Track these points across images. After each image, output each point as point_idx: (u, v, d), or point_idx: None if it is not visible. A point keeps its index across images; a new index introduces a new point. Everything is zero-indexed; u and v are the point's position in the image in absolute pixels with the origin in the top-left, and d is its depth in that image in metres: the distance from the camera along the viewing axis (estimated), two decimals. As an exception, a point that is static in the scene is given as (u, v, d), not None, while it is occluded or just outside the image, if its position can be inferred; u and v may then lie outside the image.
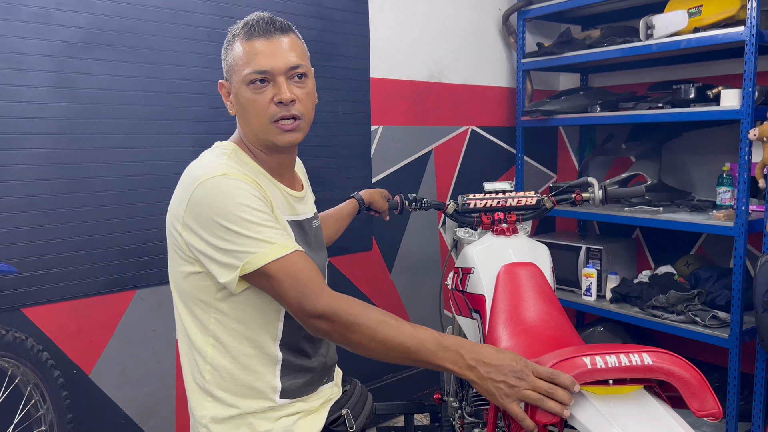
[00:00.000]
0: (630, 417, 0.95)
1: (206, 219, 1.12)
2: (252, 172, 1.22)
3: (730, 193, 2.81)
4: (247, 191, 1.12)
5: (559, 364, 1.00)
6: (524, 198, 1.82)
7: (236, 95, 1.23)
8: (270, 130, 1.21)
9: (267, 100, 1.20)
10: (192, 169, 1.21)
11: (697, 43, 2.58)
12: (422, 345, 1.08)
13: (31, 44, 1.96)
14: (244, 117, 1.24)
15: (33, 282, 1.98)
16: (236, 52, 1.22)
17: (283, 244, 1.10)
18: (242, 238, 1.09)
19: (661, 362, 0.98)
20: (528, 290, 1.52)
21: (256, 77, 1.19)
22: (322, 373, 1.35)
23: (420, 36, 3.03)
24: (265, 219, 1.11)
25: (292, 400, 1.28)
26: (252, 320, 1.23)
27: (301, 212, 1.32)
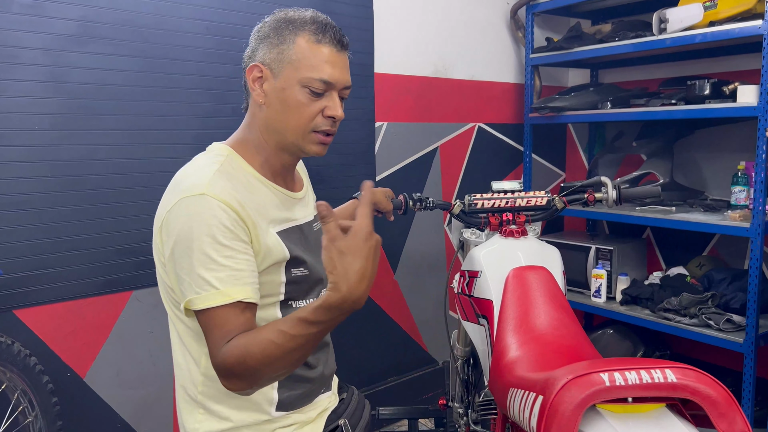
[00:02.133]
0: (652, 439, 0.88)
1: (175, 238, 1.08)
2: (245, 179, 1.16)
3: (745, 192, 2.72)
4: (220, 220, 1.06)
5: (574, 381, 0.92)
6: (534, 198, 1.74)
7: (282, 90, 1.16)
8: (307, 138, 1.18)
9: (317, 110, 1.17)
10: (180, 177, 1.15)
11: (713, 37, 2.49)
12: (309, 337, 1.01)
13: (23, 37, 1.89)
14: (281, 114, 1.17)
15: (26, 282, 1.92)
16: (301, 47, 1.15)
17: (225, 291, 1.05)
18: (194, 273, 1.06)
19: (687, 380, 0.90)
20: (538, 296, 1.45)
21: (319, 86, 1.15)
22: (321, 383, 1.30)
23: (425, 30, 2.95)
24: (227, 255, 1.06)
25: (288, 413, 1.23)
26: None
27: (300, 216, 1.26)
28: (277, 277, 1.16)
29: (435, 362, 3.19)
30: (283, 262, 1.16)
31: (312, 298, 1.24)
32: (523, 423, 1.03)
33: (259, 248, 1.12)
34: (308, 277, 1.22)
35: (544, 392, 0.96)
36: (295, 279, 1.18)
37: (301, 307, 1.08)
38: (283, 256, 1.16)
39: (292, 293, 1.19)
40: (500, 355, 1.36)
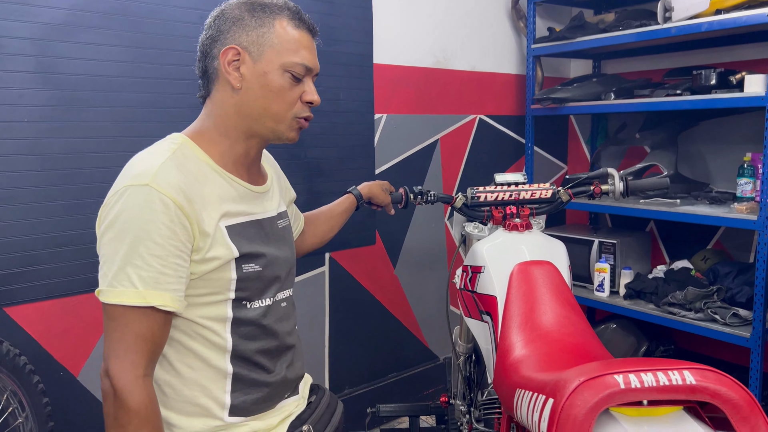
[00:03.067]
0: (670, 445, 0.83)
1: (109, 223, 1.04)
2: (197, 170, 1.11)
3: (752, 184, 2.67)
4: (159, 216, 1.02)
5: (587, 383, 0.87)
6: (539, 190, 1.69)
7: (264, 74, 1.12)
8: (289, 124, 1.17)
9: (297, 95, 1.16)
10: (131, 163, 1.11)
11: (719, 25, 2.43)
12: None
13: (9, 26, 1.83)
14: (262, 99, 1.13)
15: (16, 279, 1.87)
16: (280, 31, 1.13)
17: (143, 293, 1.01)
18: (117, 265, 1.02)
19: (706, 382, 0.85)
20: (544, 292, 1.40)
21: (300, 70, 1.15)
22: (283, 387, 1.23)
23: (425, 20, 2.89)
24: (156, 254, 1.02)
25: (245, 419, 1.16)
26: (192, 330, 1.11)
27: (259, 210, 1.21)
28: (226, 274, 1.10)
29: (436, 358, 3.15)
30: (231, 259, 1.11)
31: (268, 298, 1.18)
32: (531, 426, 0.98)
33: (203, 244, 1.07)
34: (262, 274, 1.16)
35: (554, 395, 0.90)
36: (247, 276, 1.13)
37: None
38: (230, 254, 1.10)
39: (244, 292, 1.13)
40: (505, 354, 1.31)
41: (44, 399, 1.63)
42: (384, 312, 2.91)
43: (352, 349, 2.81)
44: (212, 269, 1.09)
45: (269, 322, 1.17)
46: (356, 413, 2.79)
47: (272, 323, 1.18)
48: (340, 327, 2.76)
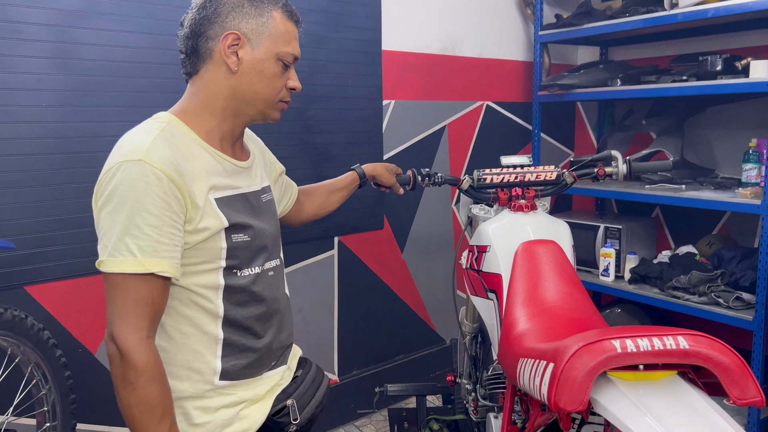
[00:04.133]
0: (663, 405, 0.87)
1: (106, 197, 1.10)
2: (185, 146, 1.17)
3: (757, 170, 2.69)
4: (153, 188, 1.08)
5: (585, 348, 0.92)
6: (543, 173, 1.72)
7: (261, 61, 1.21)
8: (275, 107, 1.27)
9: (284, 82, 1.26)
10: (122, 141, 1.17)
11: (726, 11, 2.45)
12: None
13: (27, 13, 1.88)
14: (255, 83, 1.21)
15: (35, 259, 1.93)
16: (278, 22, 1.22)
17: (142, 260, 1.07)
18: (115, 236, 1.08)
19: (699, 346, 0.89)
20: (548, 269, 1.44)
21: (290, 60, 1.25)
22: (270, 355, 1.28)
23: (433, 6, 2.92)
24: (153, 224, 1.08)
25: (234, 382, 1.22)
26: (186, 297, 1.17)
27: (245, 185, 1.27)
28: (217, 244, 1.17)
29: (443, 341, 3.20)
30: (221, 229, 1.17)
31: (257, 266, 1.24)
32: (533, 391, 1.02)
33: (195, 215, 1.13)
34: (251, 243, 1.22)
35: (555, 360, 0.95)
36: (236, 245, 1.19)
37: None
38: (220, 224, 1.17)
39: (234, 260, 1.20)
40: (509, 328, 1.36)
41: (66, 372, 1.69)
42: (392, 295, 2.96)
43: (360, 331, 2.87)
44: (204, 239, 1.15)
45: (258, 289, 1.24)
46: (364, 393, 2.85)
47: (261, 290, 1.25)
48: (348, 309, 2.81)
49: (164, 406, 1.08)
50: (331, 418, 2.77)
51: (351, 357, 2.86)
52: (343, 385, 2.82)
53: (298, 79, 1.30)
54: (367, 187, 2.75)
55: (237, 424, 1.21)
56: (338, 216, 2.70)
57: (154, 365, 1.08)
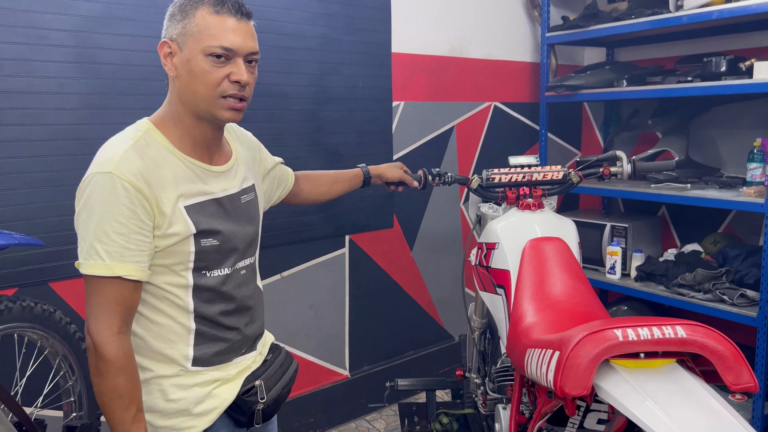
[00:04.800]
0: (663, 391, 0.93)
1: (81, 206, 1.20)
2: (157, 154, 1.24)
3: (761, 169, 2.73)
4: (120, 199, 1.16)
5: (589, 337, 0.98)
6: (550, 172, 1.78)
7: (188, 61, 1.23)
8: (216, 104, 1.25)
9: (222, 76, 1.23)
10: (100, 150, 1.25)
11: (730, 14, 2.49)
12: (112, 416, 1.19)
13: (51, 19, 1.95)
14: (190, 84, 1.24)
15: (60, 256, 2.00)
16: (200, 20, 1.22)
17: (110, 264, 1.16)
18: (88, 241, 1.18)
19: (695, 335, 0.95)
20: (554, 265, 1.50)
21: (220, 52, 1.22)
22: (240, 344, 1.37)
23: (441, 8, 2.98)
24: (120, 232, 1.16)
25: (205, 368, 1.31)
26: (159, 294, 1.26)
27: (219, 189, 1.32)
28: (185, 248, 1.24)
29: (451, 338, 3.26)
30: (189, 234, 1.24)
31: (227, 267, 1.31)
32: (540, 378, 1.08)
33: (162, 222, 1.21)
34: (220, 247, 1.29)
35: (560, 348, 1.01)
36: (204, 249, 1.26)
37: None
38: (188, 230, 1.24)
39: (203, 262, 1.27)
40: (518, 321, 1.41)
41: (91, 365, 1.76)
42: (401, 293, 3.02)
43: (371, 328, 2.93)
44: (173, 243, 1.23)
45: (228, 288, 1.32)
46: (375, 388, 2.91)
47: (231, 289, 1.33)
48: (359, 307, 2.88)
49: (131, 395, 1.19)
50: (342, 413, 2.84)
51: (362, 353, 2.92)
52: (354, 380, 2.88)
53: (246, 72, 1.25)
54: (378, 187, 2.82)
55: (208, 401, 1.30)
56: (349, 215, 2.76)
57: (123, 358, 1.18)
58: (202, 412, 1.29)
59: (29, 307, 1.60)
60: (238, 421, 1.35)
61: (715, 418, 0.87)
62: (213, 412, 1.30)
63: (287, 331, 2.62)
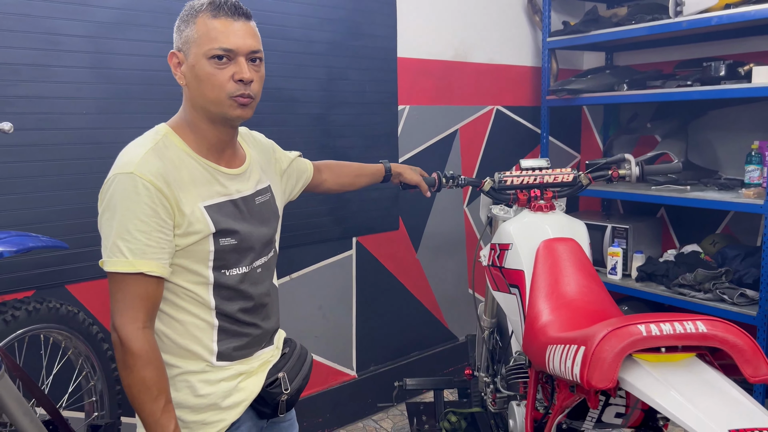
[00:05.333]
0: (685, 382, 0.97)
1: (104, 206, 1.25)
2: (176, 157, 1.29)
3: (759, 171, 2.80)
4: (142, 198, 1.21)
5: (614, 332, 1.02)
6: (561, 175, 1.83)
7: (193, 67, 1.28)
8: (226, 104, 1.29)
9: (227, 77, 1.27)
10: (122, 152, 1.30)
11: (729, 19, 2.55)
12: (152, 425, 1.22)
13: (68, 25, 1.98)
14: (199, 89, 1.29)
15: (76, 259, 2.03)
16: (200, 26, 1.27)
17: (133, 261, 1.20)
18: (111, 240, 1.22)
19: (716, 330, 1.00)
20: (568, 265, 1.54)
21: (220, 53, 1.26)
22: (260, 338, 1.42)
23: (445, 14, 3.03)
24: (142, 230, 1.21)
25: (230, 363, 1.35)
26: (181, 292, 1.30)
27: (234, 191, 1.37)
28: (205, 247, 1.29)
29: (455, 338, 3.30)
30: (209, 234, 1.29)
31: (244, 266, 1.36)
32: (564, 373, 1.12)
33: (182, 221, 1.25)
34: (237, 246, 1.34)
35: (585, 343, 1.05)
36: (223, 248, 1.31)
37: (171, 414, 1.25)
38: (208, 229, 1.28)
39: (221, 261, 1.32)
40: (534, 320, 1.46)
41: (112, 364, 1.79)
42: (407, 294, 3.06)
43: (377, 329, 2.97)
44: (193, 242, 1.28)
45: (245, 286, 1.37)
46: (381, 388, 2.95)
47: (248, 287, 1.37)
48: (366, 308, 2.91)
49: (159, 386, 1.22)
50: (350, 413, 2.87)
51: (368, 353, 2.96)
52: (361, 381, 2.91)
53: (248, 70, 1.28)
54: (384, 189, 2.86)
55: (236, 395, 1.35)
56: (356, 217, 2.80)
57: (150, 351, 1.22)
58: (230, 405, 1.34)
59: (55, 308, 1.63)
60: (262, 413, 1.40)
61: (738, 407, 0.92)
62: (240, 405, 1.35)
63: (297, 331, 2.66)
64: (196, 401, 1.31)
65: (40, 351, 1.75)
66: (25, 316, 1.54)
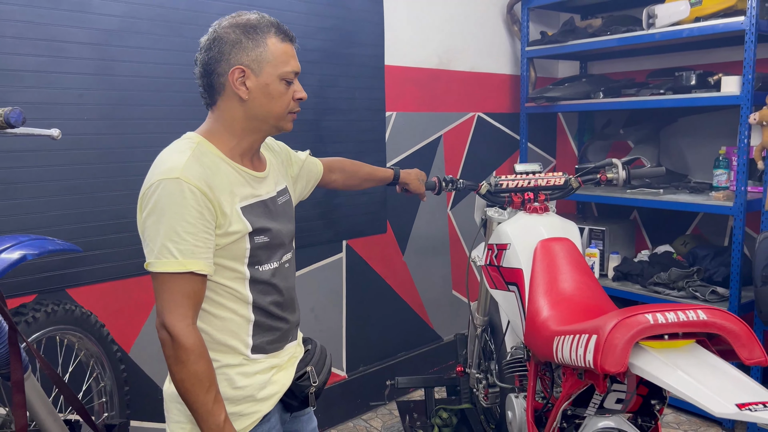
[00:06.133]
0: (690, 364, 1.07)
1: (150, 209, 1.30)
2: (212, 163, 1.37)
3: (726, 175, 2.97)
4: (189, 202, 1.28)
5: (623, 321, 1.12)
6: (553, 178, 1.93)
7: (267, 85, 1.38)
8: (286, 118, 1.44)
9: (291, 96, 1.42)
10: (160, 160, 1.36)
11: (699, 32, 2.71)
12: (204, 415, 1.28)
13: (71, 32, 2.01)
14: (266, 105, 1.40)
15: (77, 263, 2.05)
16: (272, 48, 1.38)
17: (183, 261, 1.27)
18: (159, 242, 1.28)
19: (715, 317, 1.10)
20: (564, 263, 1.64)
21: (292, 77, 1.41)
22: (288, 332, 1.51)
23: (430, 23, 3.13)
24: (190, 231, 1.28)
25: (264, 356, 1.44)
26: (221, 290, 1.38)
27: (263, 192, 1.47)
28: (242, 245, 1.37)
29: (440, 338, 3.39)
30: (246, 232, 1.38)
31: (275, 261, 1.46)
32: (576, 360, 1.22)
33: (224, 221, 1.34)
34: (270, 243, 1.43)
35: (597, 332, 1.14)
36: (258, 245, 1.40)
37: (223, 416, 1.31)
38: (245, 228, 1.37)
39: (256, 257, 1.41)
40: (536, 314, 1.55)
41: (121, 366, 1.82)
42: (394, 295, 3.14)
43: (366, 330, 3.04)
44: (232, 241, 1.36)
45: (277, 280, 1.46)
46: (371, 388, 3.02)
47: (279, 281, 1.47)
48: (355, 309, 2.98)
49: (210, 378, 1.29)
50: (340, 413, 2.93)
51: (358, 354, 3.03)
52: (351, 381, 2.98)
53: (304, 90, 1.46)
54: (373, 194, 2.94)
55: (270, 387, 1.43)
56: (346, 221, 2.87)
57: (200, 345, 1.29)
58: (265, 397, 1.41)
59: (71, 311, 1.66)
60: (290, 405, 1.48)
61: (741, 385, 1.02)
62: (274, 397, 1.43)
63: (289, 333, 2.71)
64: (234, 393, 1.38)
65: (54, 353, 1.77)
66: (45, 317, 1.56)
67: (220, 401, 1.30)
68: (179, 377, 1.27)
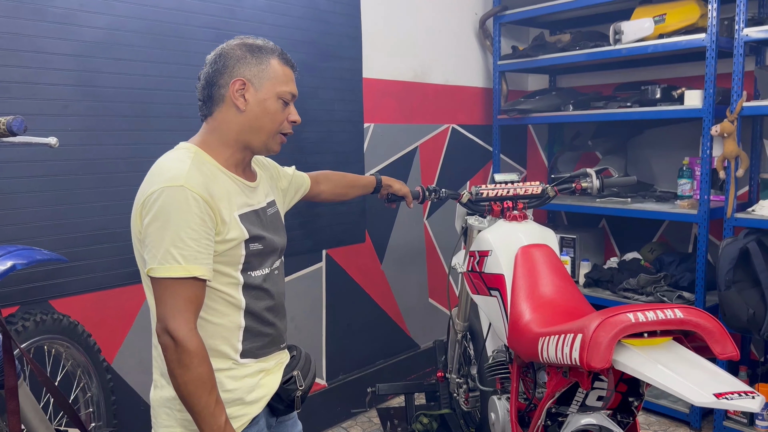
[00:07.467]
0: (669, 359, 1.15)
1: (153, 216, 1.33)
2: (210, 172, 1.42)
3: (690, 184, 3.10)
4: (193, 210, 1.32)
5: (607, 320, 1.19)
6: (531, 187, 2.01)
7: (264, 100, 1.45)
8: (276, 139, 1.50)
9: (285, 116, 1.49)
10: (160, 169, 1.39)
11: (663, 48, 2.85)
12: (207, 417, 1.31)
13: (55, 44, 2.02)
14: (260, 118, 1.45)
15: (60, 274, 2.04)
16: (274, 67, 1.46)
17: (186, 267, 1.31)
18: (163, 247, 1.31)
19: (690, 315, 1.18)
20: (545, 268, 1.72)
21: (290, 98, 1.49)
22: (276, 338, 1.56)
23: (406, 38, 3.20)
24: (193, 237, 1.32)
25: (253, 360, 1.48)
26: (215, 295, 1.42)
27: (255, 202, 1.52)
28: (238, 251, 1.42)
29: (417, 346, 3.44)
30: (243, 239, 1.43)
31: (266, 267, 1.50)
32: (561, 359, 1.28)
33: (223, 228, 1.39)
34: (263, 251, 1.48)
35: (582, 331, 1.21)
36: (252, 252, 1.45)
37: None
38: (242, 235, 1.42)
39: (250, 264, 1.46)
40: (518, 317, 1.62)
41: (108, 375, 1.83)
42: (373, 304, 3.19)
43: (345, 339, 3.07)
44: (229, 248, 1.40)
45: (268, 285, 1.51)
46: (351, 396, 3.05)
47: (270, 286, 1.51)
48: (335, 318, 3.02)
49: (212, 381, 1.33)
50: (320, 421, 2.95)
51: (337, 363, 3.06)
52: (331, 390, 3.00)
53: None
54: (352, 203, 2.99)
55: (258, 390, 1.47)
56: (325, 230, 2.91)
57: (203, 349, 1.32)
58: (253, 400, 1.45)
59: (58, 320, 1.66)
60: (276, 409, 1.52)
61: (717, 377, 1.09)
62: (262, 400, 1.47)
63: (270, 343, 2.73)
64: (224, 396, 1.41)
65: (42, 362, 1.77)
66: (34, 327, 1.57)
67: (220, 403, 1.33)
68: (183, 380, 1.29)
